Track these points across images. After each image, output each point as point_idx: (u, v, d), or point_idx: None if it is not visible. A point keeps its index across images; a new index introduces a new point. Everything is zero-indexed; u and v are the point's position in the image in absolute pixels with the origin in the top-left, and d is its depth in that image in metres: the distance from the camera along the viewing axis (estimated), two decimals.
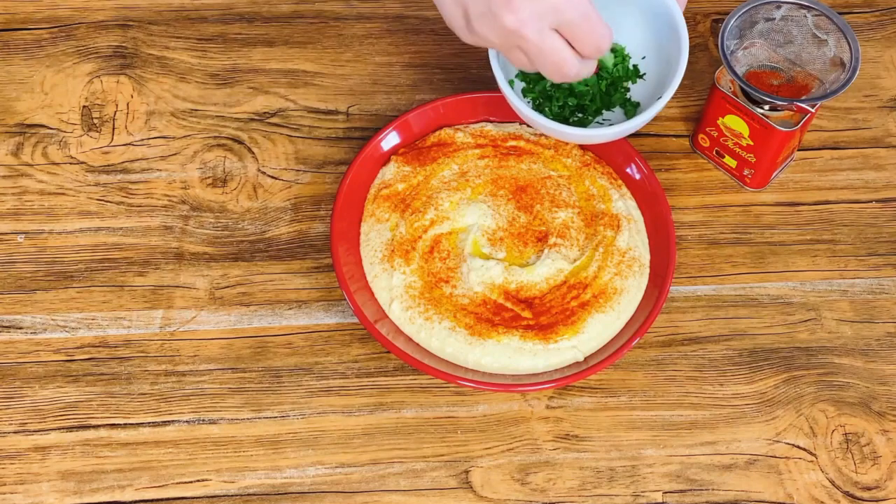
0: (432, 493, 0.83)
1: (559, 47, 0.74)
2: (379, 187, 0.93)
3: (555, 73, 0.75)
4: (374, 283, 0.89)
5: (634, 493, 0.83)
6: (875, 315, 0.91)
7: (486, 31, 0.74)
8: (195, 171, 0.96)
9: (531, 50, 0.74)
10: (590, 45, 0.75)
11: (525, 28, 0.72)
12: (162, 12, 1.04)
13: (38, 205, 0.94)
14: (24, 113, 0.98)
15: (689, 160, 0.98)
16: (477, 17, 0.73)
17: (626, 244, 0.90)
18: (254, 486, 0.83)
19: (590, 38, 0.74)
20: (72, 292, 0.90)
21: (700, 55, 1.04)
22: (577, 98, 0.90)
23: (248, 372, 0.87)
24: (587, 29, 0.73)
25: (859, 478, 0.84)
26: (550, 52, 0.74)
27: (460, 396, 0.87)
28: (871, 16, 1.07)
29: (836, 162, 0.99)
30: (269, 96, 1.00)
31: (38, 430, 0.84)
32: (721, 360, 0.89)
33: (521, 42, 0.73)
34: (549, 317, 0.87)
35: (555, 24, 0.73)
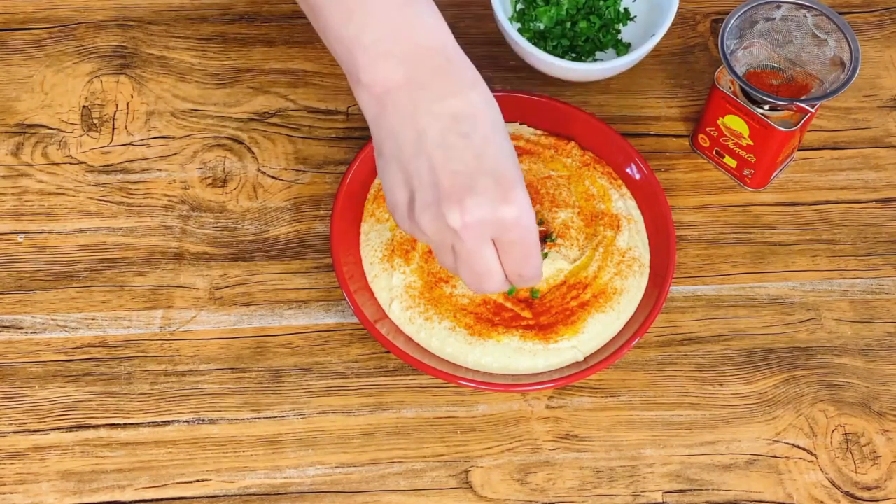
0: (432, 493, 0.83)
1: (490, 260, 0.72)
2: (379, 187, 0.93)
3: (474, 282, 0.74)
4: (374, 283, 0.89)
5: (634, 493, 0.83)
6: (875, 315, 0.91)
7: (427, 224, 0.71)
8: (195, 171, 0.96)
9: (463, 254, 0.72)
10: (517, 270, 0.74)
11: (467, 231, 0.70)
12: (162, 12, 1.04)
13: (38, 205, 0.94)
14: (24, 113, 0.98)
15: (689, 160, 0.98)
16: (423, 208, 0.70)
17: (626, 244, 0.90)
18: (254, 486, 0.83)
19: (521, 264, 0.73)
20: (72, 292, 0.90)
21: (700, 55, 1.04)
22: (570, 39, 0.97)
23: (248, 372, 0.87)
24: (522, 254, 0.72)
25: (859, 478, 0.84)
26: (480, 261, 0.72)
27: (460, 396, 0.87)
28: (871, 16, 1.07)
29: (836, 162, 0.99)
30: (269, 96, 1.00)
31: (38, 430, 0.84)
32: (721, 360, 0.89)
33: (457, 243, 0.71)
34: (549, 317, 0.87)
35: (494, 236, 0.71)
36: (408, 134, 0.70)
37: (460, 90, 0.71)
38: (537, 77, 1.01)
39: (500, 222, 0.70)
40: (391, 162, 0.72)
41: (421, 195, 0.70)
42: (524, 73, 1.02)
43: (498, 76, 1.01)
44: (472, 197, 0.69)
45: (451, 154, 0.70)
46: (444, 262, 0.75)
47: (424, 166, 0.70)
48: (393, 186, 0.72)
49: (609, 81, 1.02)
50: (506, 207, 0.69)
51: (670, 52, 1.04)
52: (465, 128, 0.70)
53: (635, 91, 1.01)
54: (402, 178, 0.71)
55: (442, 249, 0.73)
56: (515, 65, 1.02)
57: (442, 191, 0.69)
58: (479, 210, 0.69)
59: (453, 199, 0.69)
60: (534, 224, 0.72)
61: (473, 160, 0.70)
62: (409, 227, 0.73)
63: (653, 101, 1.01)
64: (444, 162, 0.69)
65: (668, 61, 1.03)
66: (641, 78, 1.02)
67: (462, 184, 0.69)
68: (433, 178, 0.70)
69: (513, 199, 0.70)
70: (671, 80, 1.02)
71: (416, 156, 0.70)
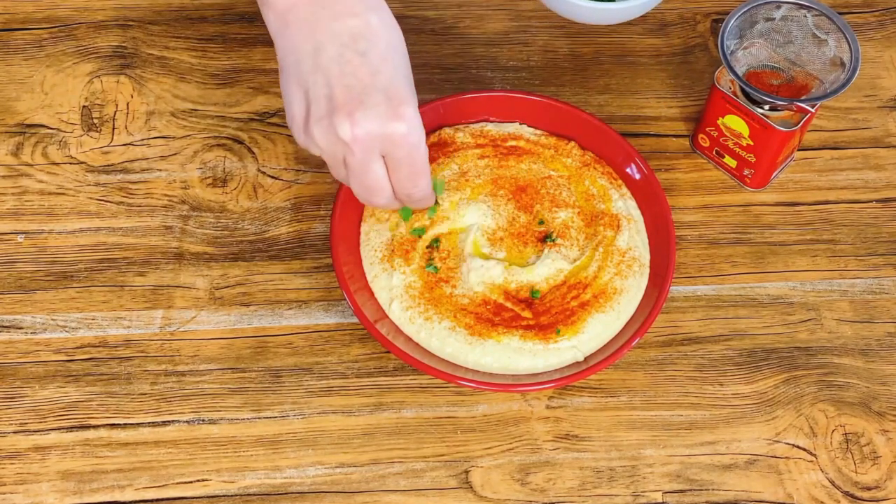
0: (432, 493, 0.83)
1: (379, 174, 0.75)
2: None
3: (364, 194, 0.77)
4: (374, 283, 0.89)
5: (634, 493, 0.83)
6: (875, 315, 0.91)
7: (319, 136, 0.74)
8: (195, 171, 0.96)
9: (353, 165, 0.75)
10: (406, 190, 0.76)
11: (356, 144, 0.73)
12: (162, 12, 1.04)
13: (38, 205, 0.94)
14: (24, 113, 0.98)
15: (689, 160, 0.98)
16: (316, 120, 0.74)
17: (626, 244, 0.90)
18: (254, 486, 0.83)
19: (409, 183, 0.76)
20: (72, 292, 0.90)
21: (700, 55, 1.04)
22: None
23: (248, 372, 0.87)
24: (410, 172, 0.75)
25: (859, 478, 0.84)
26: (369, 175, 0.75)
27: (460, 396, 0.87)
28: (871, 16, 1.07)
29: (836, 162, 0.99)
30: (269, 96, 1.00)
31: (38, 430, 0.84)
32: (721, 360, 0.89)
33: (348, 155, 0.74)
34: (549, 317, 0.87)
35: (384, 152, 0.74)
36: (306, 49, 0.73)
37: (360, 11, 0.74)
38: (537, 77, 1.01)
39: (389, 138, 0.73)
40: (290, 76, 0.75)
41: (315, 108, 0.73)
42: (524, 72, 1.02)
43: (498, 76, 1.01)
44: (363, 110, 0.72)
45: (346, 70, 0.72)
46: (338, 174, 0.78)
47: (321, 80, 0.73)
48: (291, 100, 0.75)
49: (609, 81, 1.02)
50: (395, 123, 0.72)
51: (670, 52, 1.04)
52: (362, 46, 0.73)
53: (635, 91, 1.01)
54: (300, 92, 0.74)
55: (334, 162, 0.76)
56: (515, 65, 1.02)
57: (335, 104, 0.72)
58: (368, 123, 0.72)
59: (344, 111, 0.72)
60: (423, 143, 0.74)
61: (368, 77, 0.73)
62: (304, 140, 0.76)
63: (653, 101, 1.01)
64: (339, 77, 0.72)
65: (668, 61, 1.03)
66: (641, 78, 1.02)
67: (354, 98, 0.72)
68: (328, 92, 0.73)
69: (402, 116, 0.73)
70: (671, 80, 1.02)
71: (314, 70, 0.73)
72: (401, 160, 0.74)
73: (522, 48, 1.04)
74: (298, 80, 0.74)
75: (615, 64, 1.03)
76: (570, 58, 1.04)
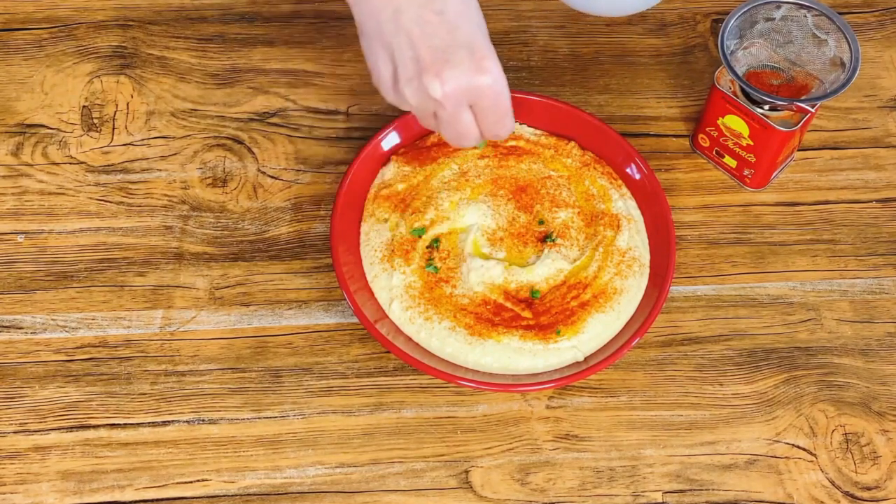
0: (432, 493, 0.83)
1: (468, 122, 0.80)
2: (379, 187, 0.93)
3: (455, 139, 0.82)
4: (374, 283, 0.89)
5: (634, 493, 0.83)
6: (875, 315, 0.91)
7: (411, 95, 0.78)
8: (195, 171, 0.96)
9: (444, 118, 0.79)
10: (491, 131, 0.81)
11: (447, 100, 0.77)
12: (162, 12, 1.04)
13: (38, 205, 0.94)
14: (24, 113, 0.98)
15: (689, 160, 0.98)
16: (406, 81, 0.77)
17: (626, 244, 0.90)
18: (254, 486, 0.83)
19: (495, 126, 0.80)
20: (72, 292, 0.90)
21: (700, 55, 1.04)
22: None
23: (248, 372, 0.87)
24: (496, 117, 0.79)
25: (859, 478, 0.84)
26: (459, 124, 0.79)
27: (460, 396, 0.87)
28: (871, 16, 1.07)
29: (836, 162, 0.99)
30: (269, 96, 1.00)
31: (38, 430, 0.84)
32: (721, 360, 0.89)
33: (439, 109, 0.78)
34: (549, 317, 0.87)
35: (471, 102, 0.78)
36: (386, 12, 0.77)
37: None
38: (537, 77, 1.01)
39: (476, 90, 0.77)
40: (373, 39, 0.78)
41: (403, 70, 0.77)
42: (524, 73, 1.02)
43: None
44: (449, 69, 0.76)
45: (427, 30, 0.76)
46: (427, 124, 0.82)
47: (404, 42, 0.77)
48: (377, 62, 0.79)
49: (609, 81, 1.02)
50: (480, 77, 0.76)
51: (670, 52, 1.04)
52: (438, 5, 0.77)
53: (635, 91, 1.01)
54: (385, 54, 0.78)
55: (425, 115, 0.80)
56: (515, 65, 1.02)
57: (422, 65, 0.76)
58: (456, 80, 0.76)
59: (432, 71, 0.76)
60: (506, 89, 0.78)
61: (448, 34, 0.76)
62: (394, 99, 0.80)
63: (653, 101, 1.01)
64: (421, 37, 0.76)
65: (668, 61, 1.03)
66: (641, 78, 1.02)
67: (439, 57, 0.76)
68: (413, 54, 0.76)
69: (486, 69, 0.76)
70: (671, 80, 1.02)
71: (396, 33, 0.77)
72: (487, 108, 0.78)
73: (522, 48, 1.04)
74: (382, 43, 0.78)
75: (615, 64, 1.03)
76: (570, 58, 1.04)
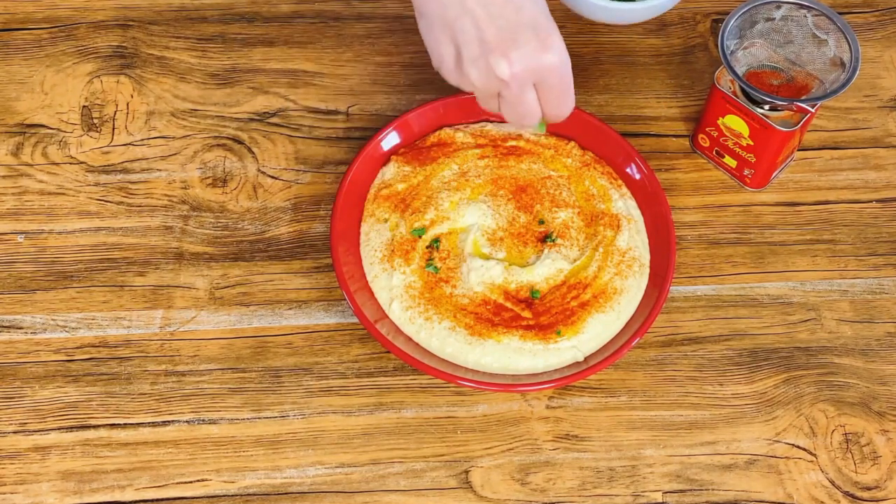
0: (432, 493, 0.83)
1: (532, 102, 0.79)
2: (379, 187, 0.93)
3: (517, 119, 0.81)
4: (374, 283, 0.89)
5: (634, 493, 0.83)
6: (875, 315, 0.91)
7: (476, 76, 0.77)
8: (195, 171, 0.96)
9: (509, 98, 0.79)
10: (554, 110, 0.81)
11: (514, 80, 0.76)
12: (162, 12, 1.04)
13: (38, 205, 0.94)
14: (24, 113, 0.98)
15: (689, 160, 0.98)
16: (470, 62, 0.77)
17: (626, 244, 0.90)
18: (254, 486, 0.83)
19: (558, 105, 0.80)
20: (72, 292, 0.90)
21: (700, 55, 1.04)
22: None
23: (248, 372, 0.87)
24: (560, 94, 0.79)
25: (859, 478, 0.84)
26: (523, 104, 0.79)
27: (460, 396, 0.87)
28: (871, 16, 1.07)
29: (836, 162, 0.99)
30: (269, 96, 1.00)
31: (38, 430, 0.84)
32: (721, 360, 0.89)
33: (504, 89, 0.78)
34: (549, 317, 0.87)
35: (536, 81, 0.78)
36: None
37: None
38: None
39: (543, 69, 0.77)
40: (434, 22, 0.78)
41: (467, 50, 0.77)
42: None
43: None
44: (516, 48, 0.75)
45: (492, 11, 0.76)
46: (488, 106, 0.82)
47: (468, 24, 0.76)
48: (438, 44, 0.79)
49: (609, 81, 1.02)
50: (546, 55, 0.76)
51: (670, 52, 1.04)
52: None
53: (635, 91, 1.01)
54: (447, 36, 0.77)
55: (487, 96, 0.80)
56: None
57: (488, 45, 0.76)
58: (524, 60, 0.76)
59: (499, 51, 0.75)
60: (569, 67, 0.78)
61: (513, 14, 0.76)
62: (457, 80, 0.80)
63: (653, 101, 1.01)
64: (486, 18, 0.76)
65: (668, 61, 1.03)
66: (641, 78, 1.02)
67: (506, 37, 0.76)
68: (478, 34, 0.76)
69: (551, 47, 0.76)
70: (671, 80, 1.02)
71: (460, 15, 0.76)
72: (553, 86, 0.78)
73: None
74: (444, 25, 0.77)
75: (615, 64, 1.03)
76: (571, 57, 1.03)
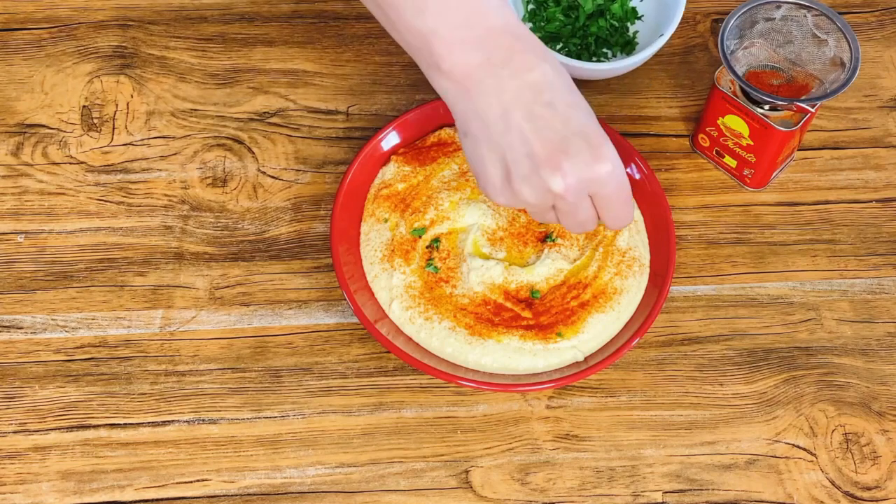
0: (432, 493, 0.83)
1: (588, 211, 0.78)
2: (379, 187, 0.93)
3: (577, 228, 0.79)
4: (374, 283, 0.89)
5: (634, 493, 0.83)
6: (875, 315, 0.91)
7: (528, 193, 0.75)
8: (195, 171, 0.96)
9: (565, 210, 0.77)
10: (613, 221, 0.79)
11: (569, 192, 0.74)
12: (162, 12, 1.04)
13: (38, 205, 0.94)
14: (24, 113, 0.98)
15: (689, 160, 0.98)
16: (521, 179, 0.75)
17: (626, 244, 0.90)
18: (254, 486, 0.83)
19: (616, 215, 0.78)
20: (72, 292, 0.90)
21: (700, 55, 1.04)
22: (581, 39, 0.98)
23: (248, 372, 0.87)
24: (618, 204, 0.77)
25: (859, 478, 0.84)
26: (581, 213, 0.77)
27: (460, 396, 0.87)
28: (871, 16, 1.07)
29: (836, 162, 0.99)
30: (269, 96, 1.00)
31: (38, 430, 0.84)
32: (721, 360, 0.89)
33: (559, 202, 0.76)
34: (549, 317, 0.87)
35: (591, 192, 0.76)
36: (494, 112, 0.74)
37: (535, 64, 0.75)
38: None
39: (598, 180, 0.75)
40: (480, 141, 0.76)
41: (517, 168, 0.75)
42: None
43: None
44: (568, 160, 0.73)
45: (539, 125, 0.74)
46: (545, 219, 0.80)
47: (517, 140, 0.74)
48: (485, 164, 0.76)
49: (609, 81, 1.02)
50: (600, 165, 0.74)
51: (670, 52, 1.04)
52: (547, 97, 0.74)
53: (635, 91, 1.01)
54: (496, 154, 0.75)
55: (542, 210, 0.78)
56: None
57: (538, 159, 0.74)
58: (577, 172, 0.74)
59: (550, 165, 0.74)
60: (625, 176, 0.76)
61: (561, 125, 0.74)
62: (507, 199, 0.77)
63: (653, 101, 1.01)
64: (533, 133, 0.74)
65: (668, 61, 1.03)
66: (641, 78, 1.02)
67: (556, 149, 0.73)
68: (527, 150, 0.74)
69: (604, 156, 0.74)
70: (671, 80, 1.02)
71: (507, 132, 0.74)
72: (609, 196, 0.76)
73: None
74: (490, 145, 0.75)
75: None
76: None
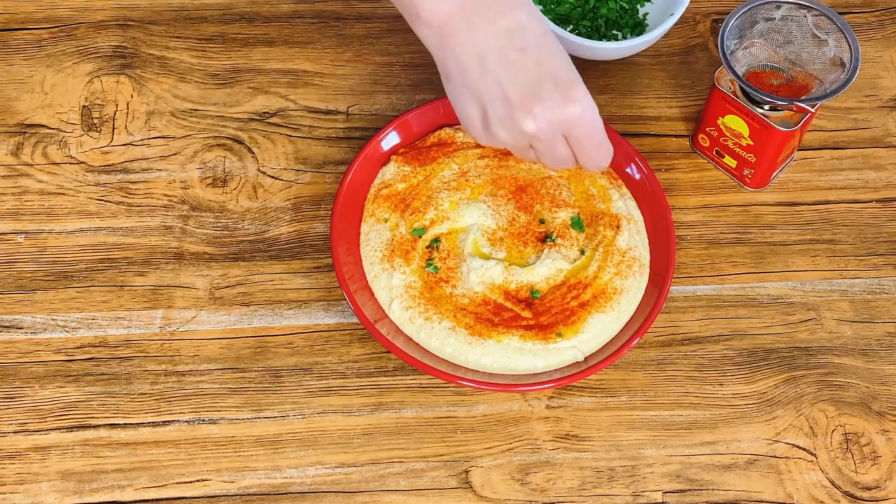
0: (432, 493, 0.83)
1: (563, 151, 0.80)
2: (379, 187, 0.93)
3: (556, 164, 0.82)
4: (374, 283, 0.89)
5: (634, 493, 0.83)
6: (875, 315, 0.91)
7: (504, 134, 0.79)
8: (195, 171, 0.96)
9: (541, 149, 0.80)
10: (588, 161, 0.81)
11: (541, 133, 0.77)
12: (162, 12, 1.04)
13: (38, 205, 0.94)
14: (24, 113, 0.98)
15: (689, 160, 0.98)
16: (497, 122, 0.78)
17: (626, 244, 0.90)
18: (254, 486, 0.83)
19: (592, 154, 0.81)
20: (72, 292, 0.90)
21: (700, 55, 1.04)
22: (591, 21, 0.99)
23: (248, 372, 0.87)
24: (591, 145, 0.80)
25: (859, 478, 0.84)
26: (556, 151, 0.80)
27: (460, 396, 0.87)
28: (871, 16, 1.07)
29: (836, 162, 0.99)
30: (269, 96, 1.00)
31: (38, 430, 0.84)
32: (721, 360, 0.89)
33: (534, 142, 0.79)
34: (549, 317, 0.87)
35: (565, 133, 0.78)
36: (470, 58, 0.77)
37: (510, 10, 0.78)
38: None
39: (568, 121, 0.77)
40: (458, 85, 0.79)
41: (493, 110, 0.78)
42: None
43: None
44: (539, 103, 0.76)
45: (513, 69, 0.77)
46: (525, 157, 0.83)
47: (492, 84, 0.77)
48: (465, 106, 0.80)
49: (609, 81, 1.02)
50: (570, 107, 0.77)
51: (670, 52, 1.04)
52: (520, 42, 0.77)
53: (635, 91, 1.01)
54: (473, 98, 0.79)
55: (521, 149, 0.81)
56: None
57: (512, 103, 0.77)
58: (547, 114, 0.77)
59: (523, 109, 0.77)
60: (597, 116, 0.79)
61: (533, 69, 0.77)
62: (487, 139, 0.81)
63: (653, 101, 1.01)
64: (508, 77, 0.77)
65: (668, 61, 1.03)
66: (641, 78, 1.02)
67: (528, 93, 0.77)
68: (501, 94, 0.77)
69: (574, 98, 0.77)
70: (671, 80, 1.02)
71: (482, 76, 0.77)
72: (581, 137, 0.79)
73: None
74: (469, 88, 0.78)
75: (615, 64, 1.03)
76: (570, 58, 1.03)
